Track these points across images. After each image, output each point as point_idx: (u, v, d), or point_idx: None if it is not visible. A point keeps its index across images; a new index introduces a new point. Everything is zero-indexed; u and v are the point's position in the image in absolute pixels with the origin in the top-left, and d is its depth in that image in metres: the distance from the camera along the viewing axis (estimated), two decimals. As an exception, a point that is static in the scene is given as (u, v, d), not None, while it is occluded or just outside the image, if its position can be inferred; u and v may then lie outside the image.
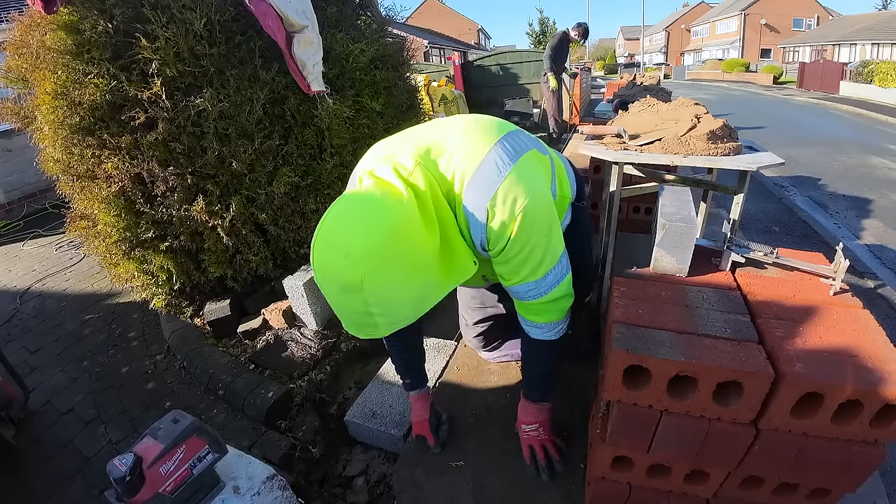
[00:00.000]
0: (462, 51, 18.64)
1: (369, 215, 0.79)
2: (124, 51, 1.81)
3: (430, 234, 0.85)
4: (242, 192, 2.06)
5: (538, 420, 1.30)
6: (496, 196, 0.89)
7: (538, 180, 0.98)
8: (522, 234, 0.92)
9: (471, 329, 1.71)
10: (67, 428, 1.92)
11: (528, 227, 0.92)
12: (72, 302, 2.97)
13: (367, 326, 0.83)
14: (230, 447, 1.09)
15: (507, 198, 0.89)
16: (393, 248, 0.77)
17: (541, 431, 1.30)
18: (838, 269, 1.00)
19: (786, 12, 31.59)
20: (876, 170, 5.68)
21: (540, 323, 1.11)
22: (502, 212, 0.89)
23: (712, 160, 2.06)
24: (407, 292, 0.83)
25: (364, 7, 2.75)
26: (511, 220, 0.90)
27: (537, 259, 0.98)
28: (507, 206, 0.89)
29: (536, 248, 0.96)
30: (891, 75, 13.34)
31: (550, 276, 1.02)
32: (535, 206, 0.92)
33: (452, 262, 0.92)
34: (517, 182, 0.91)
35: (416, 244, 0.82)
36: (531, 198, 0.91)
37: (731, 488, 0.99)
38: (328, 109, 2.17)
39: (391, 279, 0.79)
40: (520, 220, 0.90)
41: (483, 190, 0.90)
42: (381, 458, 1.63)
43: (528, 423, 1.31)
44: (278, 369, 2.01)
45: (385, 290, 0.79)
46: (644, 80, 4.07)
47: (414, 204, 0.83)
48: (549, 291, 1.04)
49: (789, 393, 0.79)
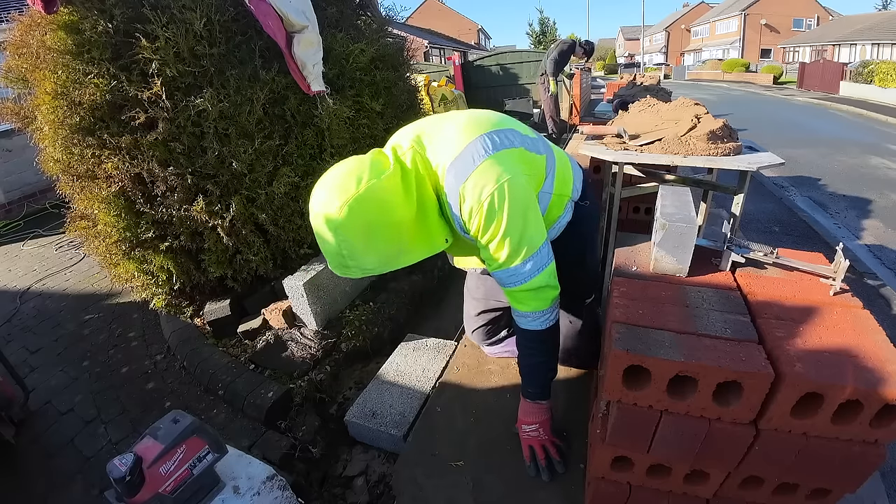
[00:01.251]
0: (462, 51, 18.64)
1: (355, 173, 0.93)
2: (124, 51, 1.81)
3: (407, 204, 0.96)
4: (242, 192, 2.06)
5: (538, 420, 1.29)
6: (468, 181, 0.99)
7: (513, 171, 1.02)
8: (491, 219, 1.00)
9: (474, 320, 1.72)
10: (67, 428, 1.92)
11: (497, 212, 0.99)
12: (72, 302, 2.97)
13: (342, 267, 0.96)
14: (230, 447, 1.09)
15: (478, 183, 0.98)
16: (367, 204, 0.90)
17: (541, 432, 1.30)
18: (838, 269, 1.00)
19: (786, 12, 31.58)
20: (876, 170, 5.68)
21: (526, 311, 1.15)
22: (472, 196, 0.99)
23: (712, 160, 2.07)
24: (373, 245, 0.94)
25: (364, 7, 2.75)
26: (479, 204, 0.99)
27: (513, 246, 1.04)
28: (476, 191, 0.98)
29: (510, 234, 1.02)
30: (891, 75, 13.34)
31: (530, 265, 1.07)
32: (503, 195, 0.99)
33: (425, 236, 1.02)
34: (488, 170, 0.99)
35: (390, 208, 0.94)
36: (500, 186, 0.98)
37: (731, 488, 0.99)
38: (328, 109, 2.17)
39: (359, 230, 0.91)
40: (487, 205, 0.98)
41: (457, 175, 1.00)
42: (381, 458, 1.63)
43: (528, 424, 1.31)
44: (278, 369, 2.01)
45: (353, 239, 0.92)
46: (644, 81, 4.07)
47: (398, 176, 0.96)
48: (530, 280, 1.09)
49: (789, 393, 0.79)
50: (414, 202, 0.98)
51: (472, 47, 26.84)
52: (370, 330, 2.21)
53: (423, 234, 1.02)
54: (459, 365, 1.80)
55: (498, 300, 1.66)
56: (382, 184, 0.93)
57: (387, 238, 0.95)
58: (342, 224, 0.90)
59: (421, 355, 1.90)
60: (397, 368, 1.85)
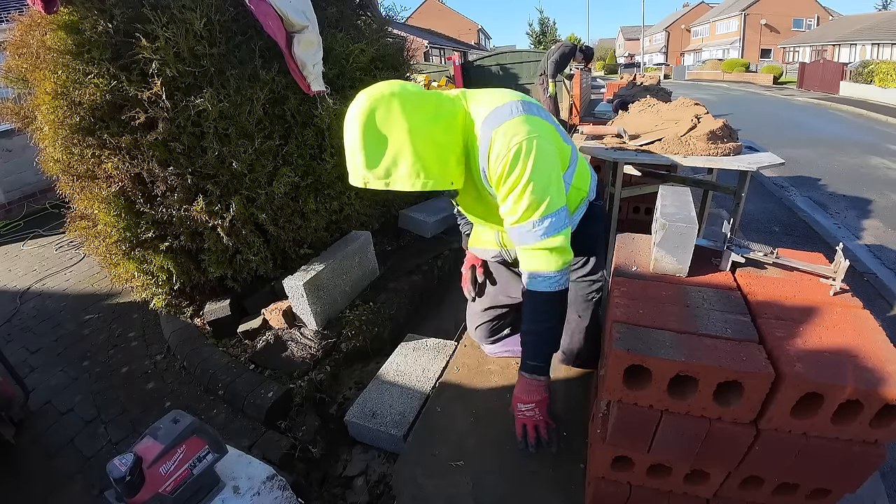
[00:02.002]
0: (462, 51, 18.64)
1: (405, 82, 1.04)
2: (124, 51, 1.81)
3: (436, 121, 1.03)
4: (242, 192, 2.06)
5: (534, 400, 1.26)
6: (501, 127, 1.04)
7: (544, 136, 1.08)
8: (515, 165, 1.04)
9: (480, 315, 1.73)
10: (67, 428, 1.92)
11: (523, 160, 1.04)
12: (72, 302, 2.97)
13: (354, 167, 1.01)
14: (230, 447, 1.09)
15: (509, 131, 1.04)
16: (397, 102, 0.97)
17: (536, 412, 1.27)
18: (838, 269, 1.00)
19: (786, 12, 31.57)
20: (876, 170, 5.69)
21: (538, 271, 1.16)
22: (501, 140, 1.04)
23: (712, 160, 2.07)
24: (393, 141, 0.98)
25: (364, 7, 2.75)
26: (507, 149, 1.03)
27: (533, 198, 1.07)
28: (507, 138, 1.04)
29: (531, 185, 1.05)
30: (891, 75, 13.34)
31: (548, 222, 1.10)
32: (531, 146, 1.03)
33: (442, 163, 1.05)
34: (522, 123, 1.05)
35: (418, 113, 1.00)
36: (530, 139, 1.03)
37: (732, 488, 0.99)
38: (328, 109, 2.17)
39: (383, 122, 0.97)
40: (514, 152, 1.03)
41: (493, 122, 1.06)
42: (381, 458, 1.63)
43: (524, 403, 1.27)
44: (278, 369, 2.01)
45: (373, 133, 0.97)
46: (644, 81, 4.08)
47: (441, 100, 1.07)
48: (547, 238, 1.11)
49: (789, 393, 0.79)
50: (443, 125, 1.04)
51: (472, 47, 26.85)
52: (370, 330, 2.21)
53: (441, 160, 1.04)
54: (459, 365, 1.80)
55: (508, 296, 1.67)
56: (418, 92, 1.02)
57: (408, 138, 0.98)
58: (369, 112, 0.96)
59: (421, 355, 1.90)
60: (397, 368, 1.85)
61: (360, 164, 0.99)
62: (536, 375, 1.24)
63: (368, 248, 2.50)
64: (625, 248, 1.24)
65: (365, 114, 0.97)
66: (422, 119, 1.00)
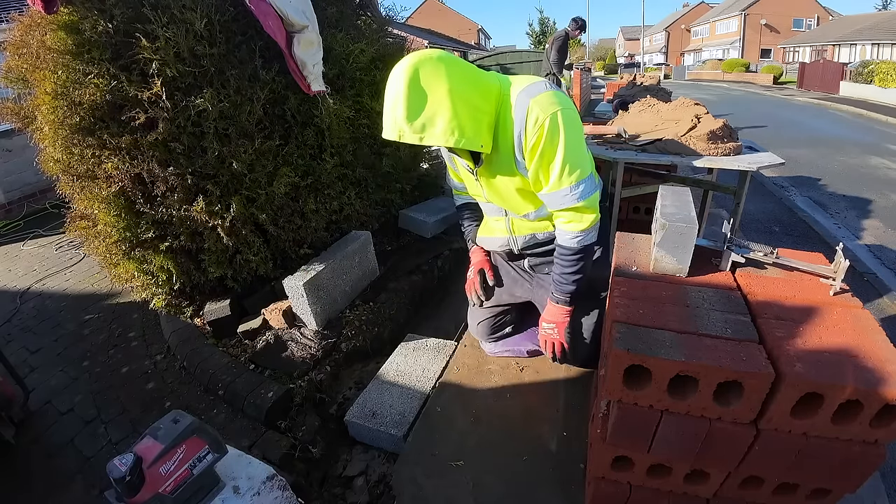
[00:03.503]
0: (462, 51, 18.62)
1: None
2: (124, 51, 1.81)
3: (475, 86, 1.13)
4: (242, 192, 2.06)
5: (556, 321, 1.45)
6: (537, 98, 1.15)
7: (575, 111, 1.20)
8: (554, 132, 1.14)
9: (481, 311, 1.74)
10: (67, 428, 1.92)
11: (560, 128, 1.14)
12: (72, 302, 2.97)
13: (392, 121, 1.08)
14: (230, 447, 1.09)
15: (545, 101, 1.14)
16: (441, 63, 1.08)
17: (555, 331, 1.47)
18: (838, 269, 1.00)
19: (786, 12, 31.56)
20: (876, 170, 5.68)
21: (569, 230, 1.29)
22: (538, 108, 1.14)
23: (712, 160, 2.07)
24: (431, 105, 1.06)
25: (364, 7, 2.75)
26: (545, 115, 1.13)
27: (569, 164, 1.18)
28: (544, 106, 1.14)
29: (568, 152, 1.16)
30: (891, 75, 13.33)
31: (582, 187, 1.22)
32: (567, 117, 1.15)
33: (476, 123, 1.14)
34: (555, 97, 1.16)
35: (460, 75, 1.10)
36: (564, 110, 1.15)
37: (732, 488, 0.99)
38: (328, 109, 2.17)
39: (426, 84, 1.05)
40: (551, 120, 1.13)
41: (529, 93, 1.16)
42: (381, 458, 1.63)
43: (547, 322, 1.47)
44: (278, 369, 2.01)
45: (417, 88, 1.05)
46: (644, 80, 4.08)
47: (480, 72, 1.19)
48: (582, 201, 1.23)
49: (789, 393, 0.79)
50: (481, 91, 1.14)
51: (472, 47, 26.81)
52: (370, 330, 2.21)
53: (475, 122, 1.14)
54: (459, 365, 1.80)
55: (511, 294, 1.70)
56: (461, 61, 1.14)
57: (448, 97, 1.07)
58: (415, 69, 1.06)
59: (421, 355, 1.90)
60: (397, 368, 1.85)
61: (401, 116, 1.06)
62: (562, 304, 1.43)
63: (368, 248, 2.50)
64: (625, 248, 1.24)
65: (411, 69, 1.05)
66: (462, 82, 1.10)
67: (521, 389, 1.65)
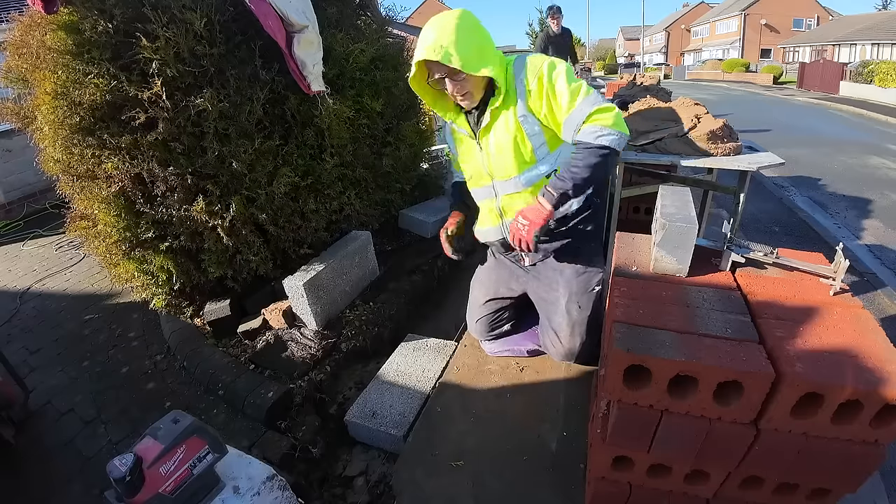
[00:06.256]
0: (462, 51, 18.58)
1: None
2: (124, 51, 1.81)
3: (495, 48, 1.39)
4: (242, 192, 2.06)
5: (531, 219, 1.38)
6: (531, 56, 1.38)
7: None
8: (550, 68, 1.32)
9: (479, 309, 1.75)
10: (67, 428, 1.92)
11: (556, 64, 1.33)
12: (72, 302, 2.97)
13: (434, 42, 1.26)
14: (230, 447, 1.09)
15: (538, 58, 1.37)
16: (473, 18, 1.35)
17: (526, 230, 1.40)
18: (838, 269, 1.00)
19: (786, 12, 31.55)
20: (876, 170, 5.68)
21: (597, 123, 1.29)
22: (536, 61, 1.35)
23: (712, 160, 2.07)
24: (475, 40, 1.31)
25: (364, 7, 2.75)
26: (540, 63, 1.34)
27: (574, 84, 1.31)
28: (539, 58, 1.36)
29: (568, 76, 1.31)
30: (891, 75, 13.33)
31: (593, 97, 1.31)
32: (563, 64, 1.35)
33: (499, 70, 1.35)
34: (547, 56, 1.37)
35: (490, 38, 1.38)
36: (561, 62, 1.35)
37: (732, 488, 0.99)
38: (328, 109, 2.17)
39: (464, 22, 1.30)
40: (548, 63, 1.33)
41: (524, 56, 1.39)
42: (381, 458, 1.63)
43: (524, 217, 1.40)
44: (278, 369, 2.01)
45: (465, 26, 1.30)
46: (644, 80, 4.07)
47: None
48: (597, 106, 1.30)
49: (789, 393, 0.79)
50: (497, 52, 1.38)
51: (472, 47, 26.72)
52: (370, 330, 2.21)
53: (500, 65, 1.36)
54: (459, 365, 1.80)
55: (509, 288, 1.70)
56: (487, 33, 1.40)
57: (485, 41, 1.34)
58: (459, 19, 1.30)
59: (421, 355, 1.90)
60: (397, 368, 1.85)
61: (451, 42, 1.24)
62: (546, 200, 1.37)
63: (368, 248, 2.50)
64: (625, 248, 1.24)
65: (459, 13, 1.31)
66: (489, 37, 1.36)
67: (522, 389, 1.66)
